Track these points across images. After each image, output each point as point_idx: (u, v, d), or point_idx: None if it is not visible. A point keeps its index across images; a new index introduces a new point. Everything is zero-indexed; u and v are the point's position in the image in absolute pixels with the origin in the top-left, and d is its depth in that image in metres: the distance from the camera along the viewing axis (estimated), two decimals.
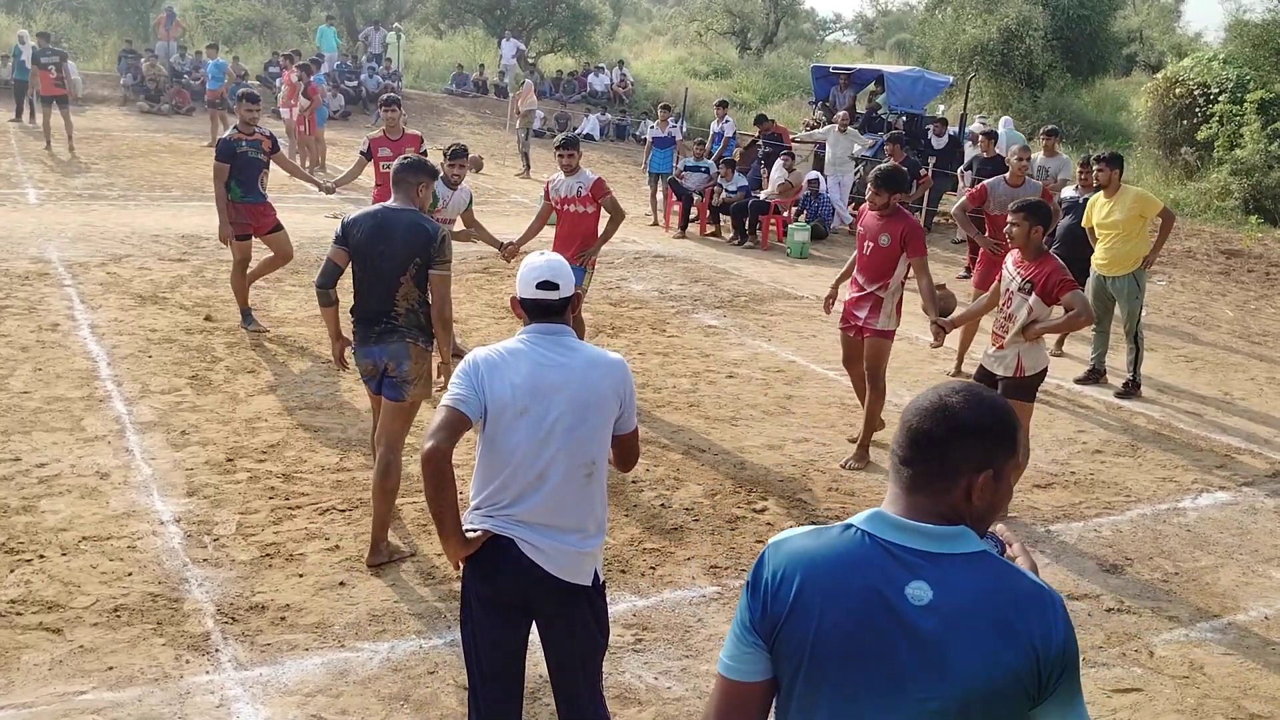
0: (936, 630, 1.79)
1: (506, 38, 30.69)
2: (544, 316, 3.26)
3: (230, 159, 8.69)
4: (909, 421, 1.92)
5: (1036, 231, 6.01)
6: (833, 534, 1.92)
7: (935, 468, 1.88)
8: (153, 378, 7.62)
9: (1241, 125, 18.74)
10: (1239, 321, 12.49)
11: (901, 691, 1.81)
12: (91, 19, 31.73)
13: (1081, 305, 5.96)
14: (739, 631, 1.93)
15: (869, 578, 1.84)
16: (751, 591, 1.92)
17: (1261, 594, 5.59)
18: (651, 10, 62.32)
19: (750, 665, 1.92)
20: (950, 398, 1.90)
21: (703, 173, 15.96)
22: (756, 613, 1.90)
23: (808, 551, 1.90)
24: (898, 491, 1.93)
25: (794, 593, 1.86)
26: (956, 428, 1.87)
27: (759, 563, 1.94)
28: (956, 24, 29.31)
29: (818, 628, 1.84)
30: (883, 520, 1.90)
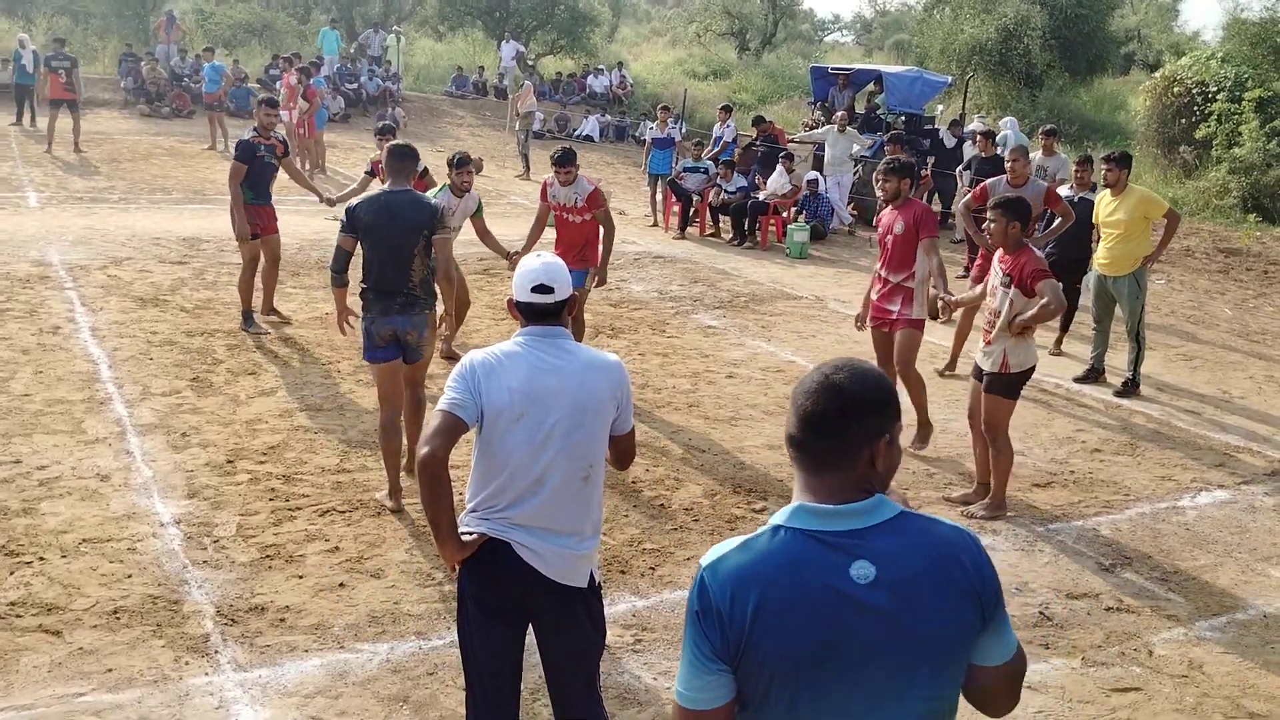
0: (889, 603, 1.85)
1: (506, 39, 30.70)
2: (540, 319, 3.26)
3: (250, 161, 8.83)
4: (803, 406, 1.95)
5: (1014, 227, 6.08)
6: (763, 541, 1.91)
7: (837, 445, 1.93)
8: (153, 380, 7.63)
9: (1240, 124, 18.74)
10: (1237, 320, 12.49)
11: (879, 675, 1.87)
12: (92, 22, 31.75)
13: (1052, 293, 5.96)
14: (697, 661, 1.89)
15: (815, 574, 1.86)
16: (702, 619, 1.88)
17: (1261, 592, 5.60)
18: (650, 12, 62.33)
19: (714, 692, 1.90)
20: (836, 376, 1.95)
21: (702, 173, 15.97)
22: (715, 639, 1.87)
23: (750, 565, 1.89)
24: (807, 477, 1.95)
25: (751, 610, 1.85)
26: (850, 404, 1.92)
27: (700, 590, 1.89)
28: (954, 24, 29.30)
29: (783, 638, 1.85)
30: (806, 512, 1.91)
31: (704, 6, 42.01)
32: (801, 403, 1.96)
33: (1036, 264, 6.02)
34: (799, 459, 1.97)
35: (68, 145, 18.44)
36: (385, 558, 5.33)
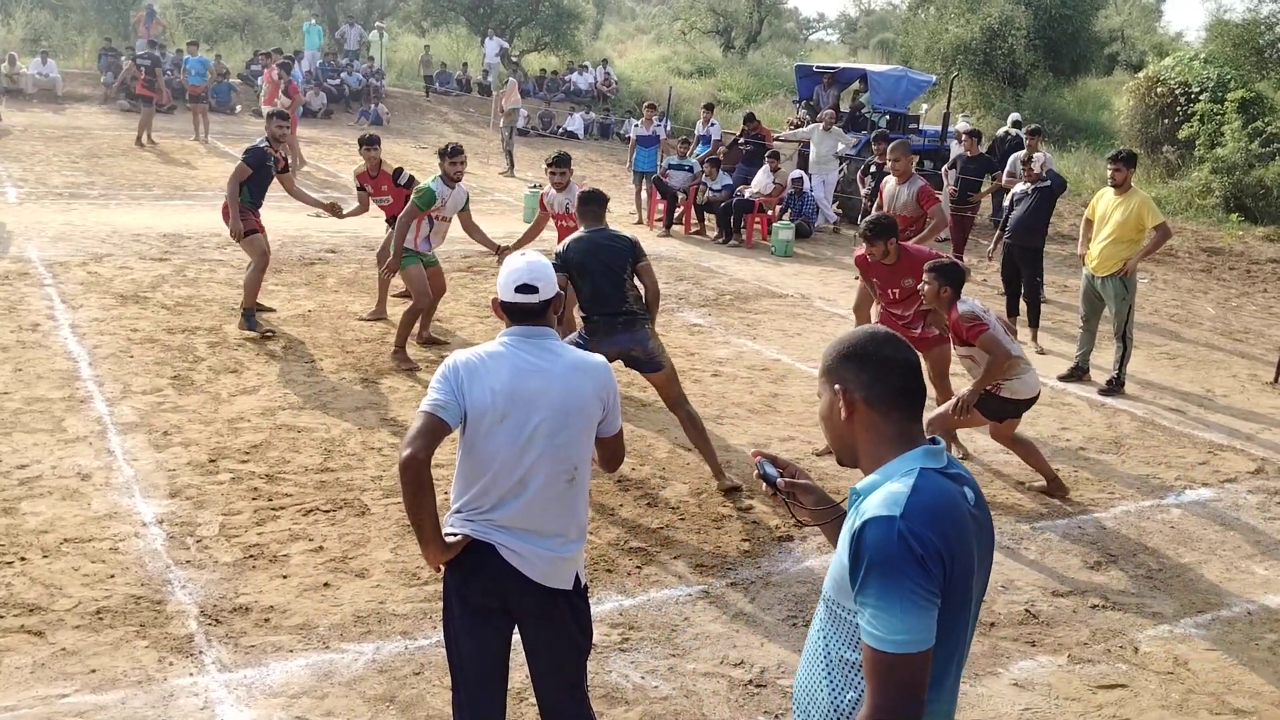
0: (983, 515, 2.22)
1: (490, 36, 30.62)
2: (525, 319, 3.23)
3: (257, 168, 8.80)
4: (902, 357, 2.21)
5: (945, 291, 6.22)
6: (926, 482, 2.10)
7: (924, 391, 2.25)
8: (134, 378, 7.57)
9: (1222, 124, 18.85)
10: (1220, 319, 12.56)
11: (984, 575, 2.25)
12: (71, 17, 31.52)
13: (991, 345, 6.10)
14: (923, 603, 2.01)
15: (960, 502, 2.15)
16: (928, 561, 2.01)
17: (1245, 590, 5.62)
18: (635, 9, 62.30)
19: (934, 628, 2.05)
20: (886, 331, 2.26)
21: (687, 171, 15.96)
22: (939, 574, 2.03)
23: (934, 504, 2.07)
24: (909, 424, 2.21)
25: (953, 540, 2.07)
26: (916, 353, 2.26)
27: (909, 536, 2.01)
28: (939, 23, 29.38)
29: (965, 559, 2.11)
30: (929, 454, 2.17)
31: (689, 4, 42.02)
32: (895, 354, 2.21)
33: (968, 322, 6.13)
34: (907, 407, 2.21)
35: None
36: (370, 557, 5.29)
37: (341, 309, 9.90)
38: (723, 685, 4.41)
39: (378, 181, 9.64)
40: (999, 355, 6.11)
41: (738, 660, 4.61)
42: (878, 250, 6.88)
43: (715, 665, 4.56)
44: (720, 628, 4.87)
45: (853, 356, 2.22)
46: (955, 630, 2.12)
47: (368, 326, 9.40)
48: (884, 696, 2.00)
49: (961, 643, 2.19)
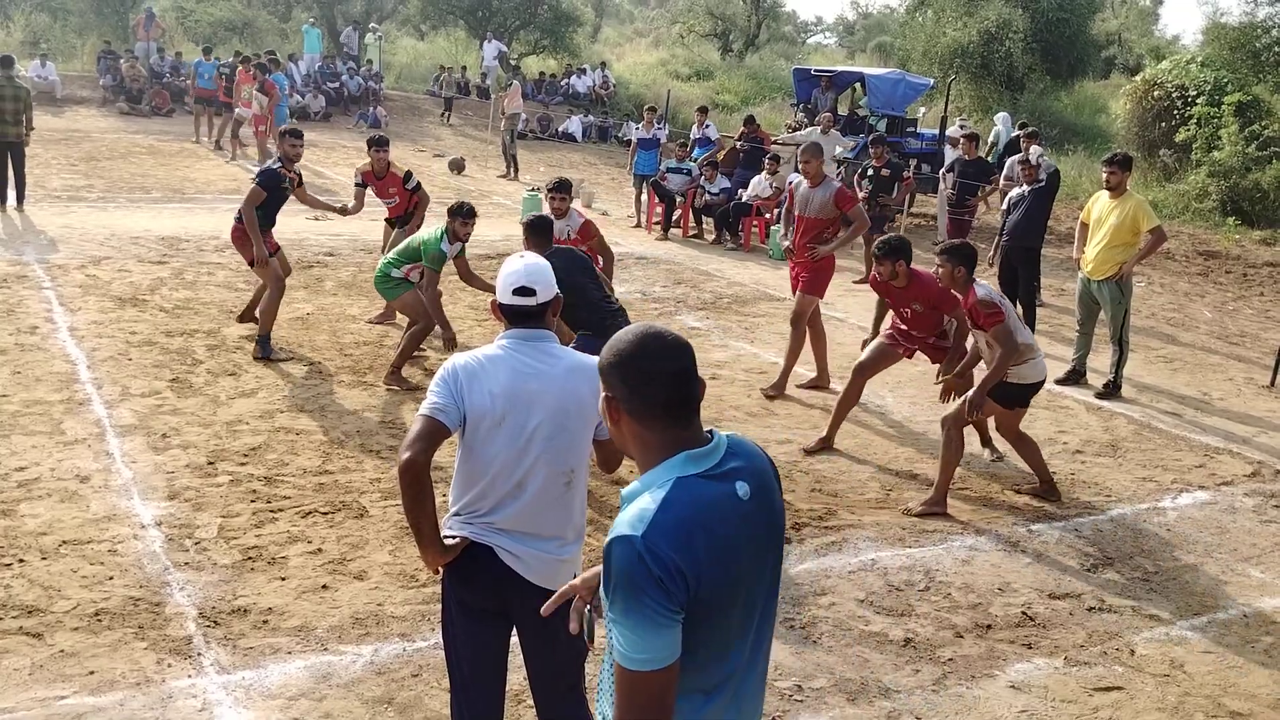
0: (759, 508, 2.18)
1: (488, 39, 30.64)
2: (523, 321, 3.23)
3: (272, 190, 8.65)
4: (665, 368, 2.16)
5: (959, 271, 6.26)
6: (678, 494, 2.08)
7: (695, 394, 2.21)
8: (133, 380, 7.58)
9: (1219, 127, 18.89)
10: (1217, 322, 12.58)
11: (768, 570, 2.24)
12: (70, 20, 31.53)
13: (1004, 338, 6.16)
14: (660, 621, 2.01)
15: (725, 504, 2.12)
16: (666, 580, 2.00)
17: (1241, 592, 5.64)
18: (633, 12, 62.36)
19: (677, 644, 2.05)
20: (664, 337, 2.20)
21: (685, 175, 15.97)
22: (679, 593, 2.02)
23: (685, 517, 2.06)
24: (679, 431, 2.17)
25: (701, 553, 2.05)
26: (691, 357, 2.22)
27: (646, 557, 2.00)
28: (937, 27, 29.43)
29: (723, 564, 2.09)
30: (691, 460, 2.14)
31: (687, 7, 42.08)
32: (657, 366, 2.16)
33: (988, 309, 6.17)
34: (671, 417, 2.17)
35: None
36: (368, 559, 5.30)
37: (340, 312, 9.91)
38: None
39: (385, 182, 9.80)
40: (1009, 349, 6.13)
41: None
42: (885, 271, 6.87)
43: None
44: None
45: (617, 365, 2.19)
46: (720, 638, 2.13)
47: (366, 329, 9.41)
48: (629, 711, 2.04)
49: (736, 647, 2.17)
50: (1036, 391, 6.56)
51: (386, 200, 9.89)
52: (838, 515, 6.24)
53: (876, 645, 4.84)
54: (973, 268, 6.31)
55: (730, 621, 2.14)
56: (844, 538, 5.95)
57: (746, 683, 2.23)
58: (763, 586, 2.22)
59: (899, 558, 5.75)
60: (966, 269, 6.27)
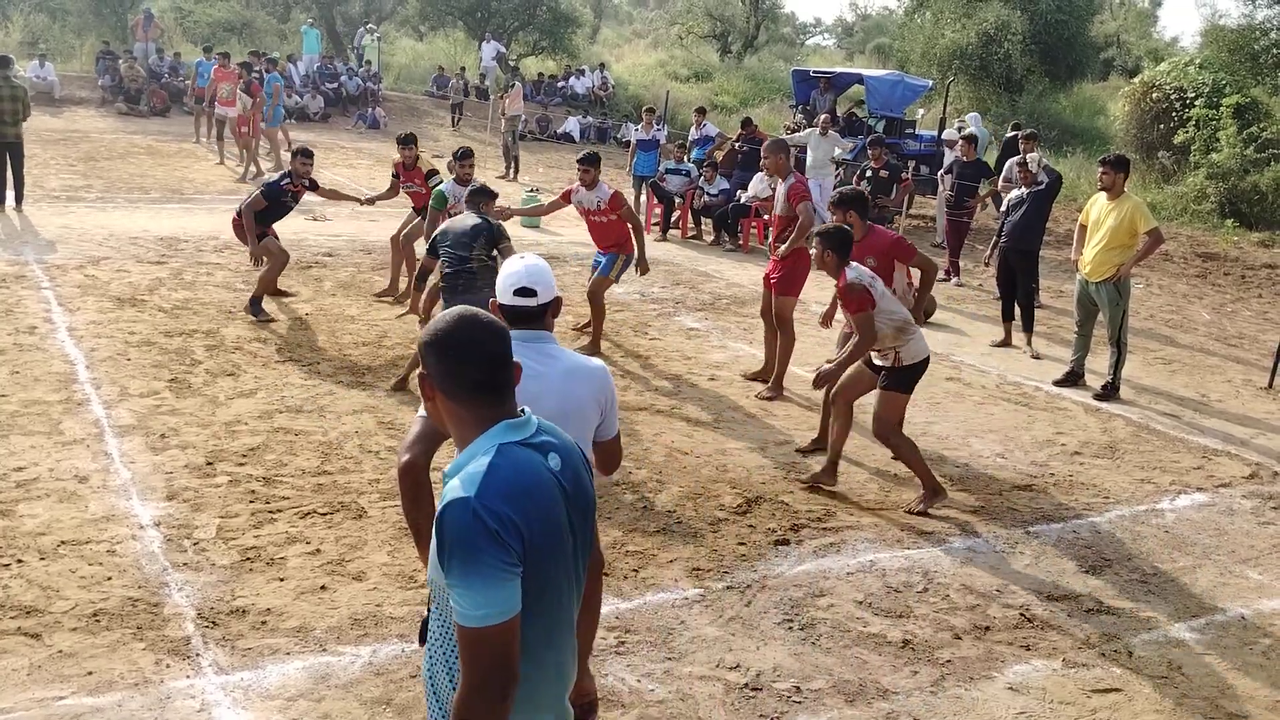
0: (569, 480, 2.33)
1: (486, 39, 30.65)
2: (523, 322, 3.23)
3: (272, 200, 9.57)
4: (486, 349, 2.28)
5: (829, 255, 6.24)
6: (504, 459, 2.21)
7: (510, 372, 2.34)
8: (131, 381, 7.57)
9: (1217, 129, 18.92)
10: (1215, 324, 12.59)
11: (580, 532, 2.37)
12: (69, 20, 31.52)
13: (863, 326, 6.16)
14: (501, 574, 2.11)
15: (543, 471, 2.27)
16: (502, 533, 2.12)
17: (1239, 594, 5.64)
18: (632, 13, 62.40)
19: (517, 596, 2.15)
20: (481, 319, 2.32)
21: (684, 176, 15.98)
22: (517, 546, 2.13)
23: (512, 478, 2.19)
24: (495, 409, 2.30)
25: (530, 511, 2.18)
26: (507, 335, 2.34)
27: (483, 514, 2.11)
28: (935, 28, 29.46)
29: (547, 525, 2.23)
30: (511, 429, 2.28)
31: (686, 9, 42.10)
32: (472, 349, 2.28)
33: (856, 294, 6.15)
34: (486, 396, 2.29)
35: None
36: (367, 560, 5.30)
37: (339, 312, 9.91)
38: (719, 688, 4.43)
39: (412, 174, 10.61)
40: (866, 336, 6.15)
41: (734, 663, 4.62)
42: (838, 218, 6.93)
43: (711, 668, 4.57)
44: (716, 631, 4.88)
45: (434, 344, 2.30)
46: (549, 594, 2.26)
47: (365, 330, 9.41)
48: (476, 670, 2.12)
49: (558, 605, 2.31)
50: (922, 371, 6.47)
51: (416, 189, 10.64)
52: (836, 516, 6.24)
53: (875, 647, 4.84)
54: (846, 253, 6.27)
55: (557, 579, 2.27)
56: (842, 539, 5.95)
57: (564, 648, 2.36)
58: (579, 551, 2.36)
59: (897, 559, 5.75)
60: (837, 255, 6.23)
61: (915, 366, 6.36)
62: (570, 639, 2.41)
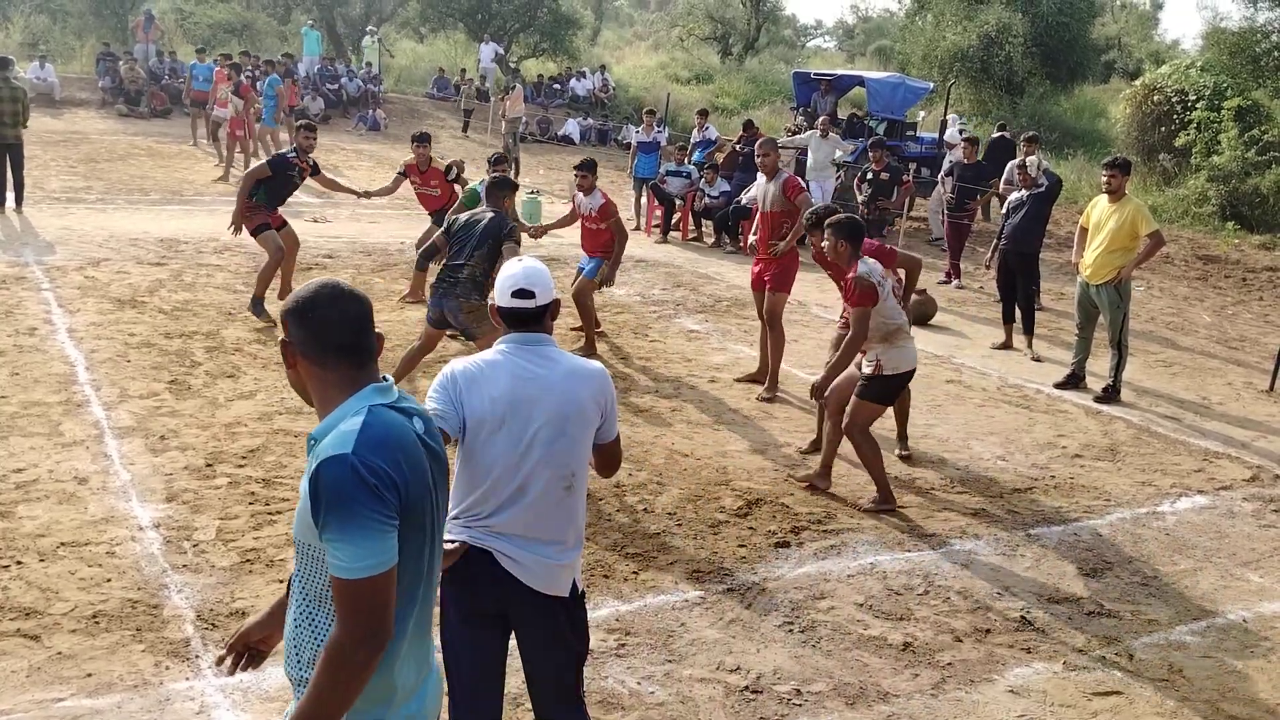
0: (434, 443, 2.42)
1: (485, 41, 30.66)
2: (522, 325, 3.23)
3: (278, 172, 9.42)
4: (343, 312, 2.33)
5: (843, 245, 6.23)
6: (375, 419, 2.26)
7: (372, 338, 2.39)
8: (131, 382, 7.57)
9: (1219, 132, 18.90)
10: (1216, 326, 12.59)
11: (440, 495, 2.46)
12: (69, 21, 31.54)
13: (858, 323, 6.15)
14: (380, 527, 2.18)
15: (410, 432, 2.33)
16: (382, 489, 2.19)
17: (1240, 597, 5.63)
18: (633, 15, 62.44)
19: (395, 548, 2.22)
20: (338, 287, 2.37)
21: (684, 178, 15.98)
22: (394, 500, 2.21)
23: (385, 437, 2.25)
24: (356, 372, 2.34)
25: (404, 466, 2.25)
26: (366, 302, 2.39)
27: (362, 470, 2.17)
28: (937, 30, 29.44)
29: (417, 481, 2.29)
30: (378, 392, 2.34)
31: (687, 10, 42.07)
32: (333, 313, 2.33)
33: (862, 288, 6.13)
34: (350, 359, 2.34)
35: None
36: None
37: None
38: (719, 691, 4.42)
39: (428, 175, 10.60)
40: (859, 332, 6.14)
41: (734, 666, 4.61)
42: (816, 240, 6.82)
43: (711, 671, 4.56)
44: (716, 633, 4.87)
45: (294, 312, 2.34)
46: (419, 548, 2.33)
47: None
48: (354, 619, 2.16)
49: (425, 560, 2.38)
50: (908, 381, 6.51)
51: (430, 190, 10.57)
52: (836, 519, 6.24)
53: (875, 649, 4.84)
54: (858, 244, 6.26)
55: (425, 535, 2.34)
56: (843, 541, 5.94)
57: (427, 609, 2.43)
58: (439, 514, 2.44)
59: (898, 562, 5.75)
60: (851, 245, 6.22)
61: (897, 377, 6.36)
62: (431, 594, 2.46)
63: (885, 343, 6.26)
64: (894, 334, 6.26)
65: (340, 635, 2.17)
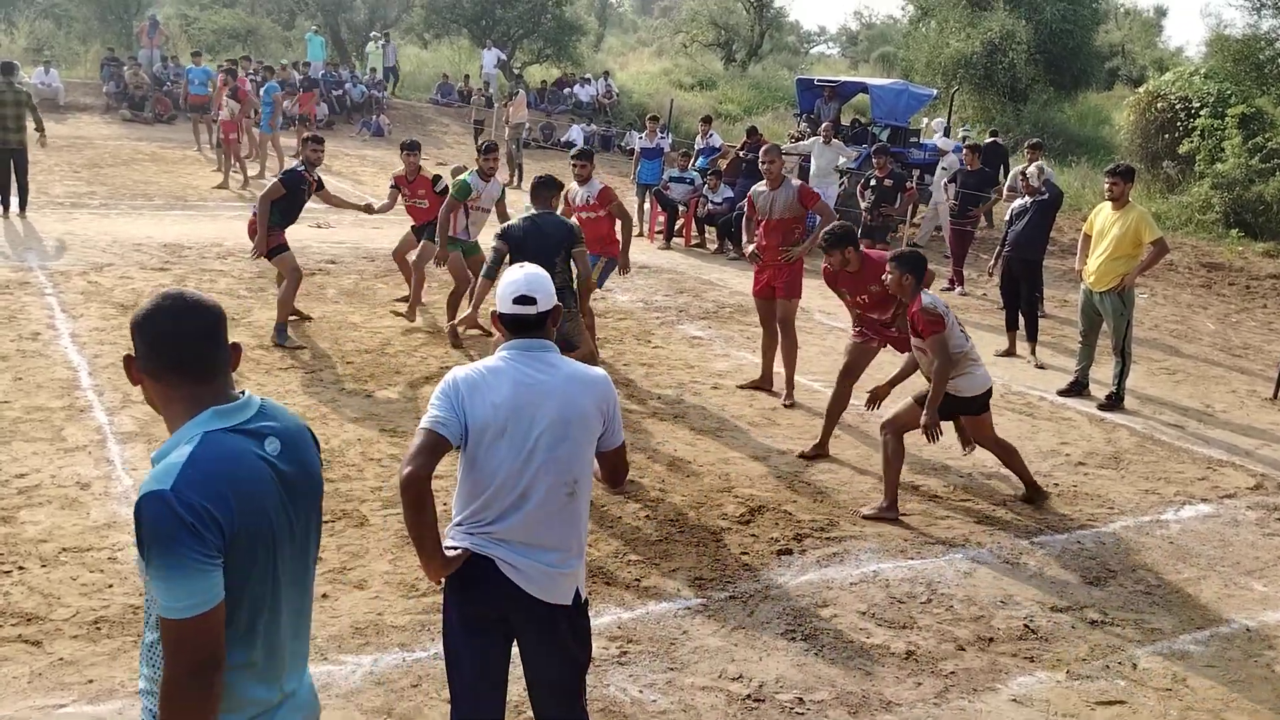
0: (290, 465, 2.31)
1: (488, 47, 30.72)
2: (524, 331, 3.23)
3: (293, 190, 9.11)
4: (183, 327, 2.23)
5: (908, 279, 6.27)
6: (206, 450, 2.17)
7: (221, 351, 2.30)
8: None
9: (1223, 139, 18.87)
10: (1220, 334, 12.57)
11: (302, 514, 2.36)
12: (74, 26, 31.63)
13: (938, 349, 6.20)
14: (200, 566, 2.09)
15: (253, 458, 2.23)
16: (200, 527, 2.10)
17: (1243, 606, 5.61)
18: (637, 21, 62.53)
19: (218, 588, 2.14)
20: (186, 298, 2.28)
21: (688, 184, 15.98)
22: (216, 538, 2.12)
23: (214, 470, 2.16)
24: (198, 388, 2.25)
25: (233, 502, 2.16)
26: (217, 315, 2.30)
27: (177, 507, 2.09)
28: (940, 37, 29.44)
29: (255, 511, 2.21)
30: (219, 415, 2.24)
31: (690, 17, 42.13)
32: (173, 328, 2.24)
33: (929, 316, 6.19)
34: (196, 375, 2.25)
35: None
36: (368, 569, 5.29)
37: (341, 319, 9.91)
38: (721, 699, 4.41)
39: (415, 185, 10.18)
40: (943, 360, 6.19)
41: (736, 674, 4.60)
42: (836, 260, 6.98)
43: (714, 679, 4.55)
44: (719, 641, 4.86)
45: (136, 326, 2.27)
46: (259, 583, 2.25)
47: (368, 337, 9.41)
48: (179, 660, 2.11)
49: (276, 590, 2.30)
50: (982, 407, 6.54)
51: (417, 202, 10.19)
52: (839, 526, 6.22)
53: (878, 657, 4.82)
54: (921, 276, 6.32)
55: (264, 569, 2.25)
56: (846, 549, 5.93)
57: (276, 630, 2.32)
58: (293, 538, 2.33)
59: (901, 569, 5.73)
60: (915, 277, 6.29)
61: (971, 399, 6.42)
62: (298, 622, 2.40)
63: (956, 367, 6.31)
64: (961, 360, 6.31)
65: (169, 671, 2.13)
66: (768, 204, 8.43)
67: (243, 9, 34.32)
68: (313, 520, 2.42)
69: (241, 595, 2.21)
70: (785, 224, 8.42)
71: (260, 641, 2.28)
